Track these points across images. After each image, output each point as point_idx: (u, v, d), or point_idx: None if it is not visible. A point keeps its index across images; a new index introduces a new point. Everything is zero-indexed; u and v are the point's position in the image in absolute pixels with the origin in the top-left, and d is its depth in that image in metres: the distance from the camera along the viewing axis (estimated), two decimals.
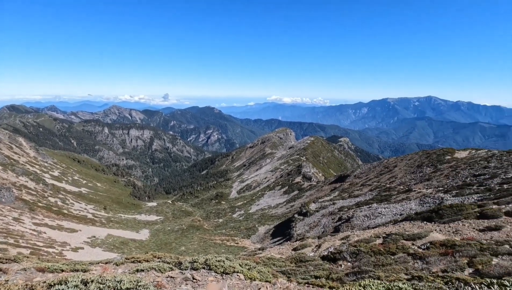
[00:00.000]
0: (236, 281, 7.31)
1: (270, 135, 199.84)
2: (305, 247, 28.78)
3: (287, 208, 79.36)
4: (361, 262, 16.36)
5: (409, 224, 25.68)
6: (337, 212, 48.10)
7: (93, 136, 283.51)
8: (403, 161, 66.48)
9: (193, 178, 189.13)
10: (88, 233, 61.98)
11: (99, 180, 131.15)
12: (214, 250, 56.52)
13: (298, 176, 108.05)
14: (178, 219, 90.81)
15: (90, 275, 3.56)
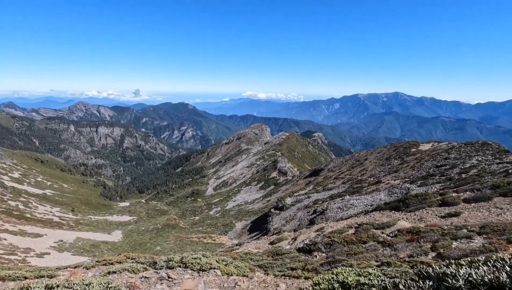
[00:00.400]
0: (213, 277, 7.28)
1: (245, 131, 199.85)
2: (282, 240, 29.31)
3: (263, 203, 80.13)
4: (334, 252, 16.99)
5: (379, 214, 27.03)
6: (312, 205, 49.40)
7: (58, 135, 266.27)
8: (373, 154, 69.58)
9: (167, 176, 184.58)
10: (54, 237, 58.51)
11: (65, 181, 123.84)
12: (191, 248, 55.85)
13: (274, 171, 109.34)
14: (153, 218, 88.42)
15: (56, 280, 3.35)
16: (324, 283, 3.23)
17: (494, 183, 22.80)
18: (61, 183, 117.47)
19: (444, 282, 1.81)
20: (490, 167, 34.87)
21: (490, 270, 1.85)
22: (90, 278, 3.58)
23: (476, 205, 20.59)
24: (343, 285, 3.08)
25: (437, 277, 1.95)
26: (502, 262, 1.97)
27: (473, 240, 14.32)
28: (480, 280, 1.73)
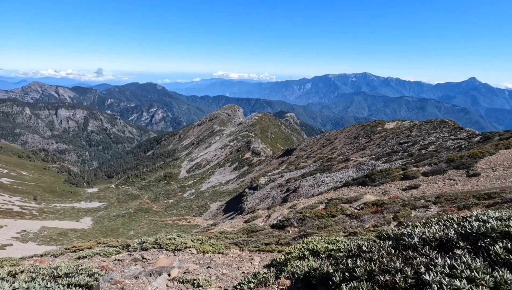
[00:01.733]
0: (189, 256, 7.36)
1: (218, 112, 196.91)
2: (256, 218, 30.10)
3: (238, 184, 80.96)
4: (306, 226, 17.86)
5: (347, 189, 28.56)
6: (285, 184, 50.84)
7: (11, 118, 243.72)
8: (342, 133, 72.23)
9: (138, 159, 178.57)
10: (16, 227, 55.13)
11: (24, 168, 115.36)
12: (165, 231, 55.52)
13: (247, 152, 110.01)
14: (124, 203, 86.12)
15: (20, 267, 3.20)
16: (295, 252, 3.42)
17: (448, 157, 24.86)
18: (19, 171, 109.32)
19: (402, 241, 2.00)
20: (446, 143, 37.83)
21: (440, 228, 2.07)
22: (58, 262, 3.46)
23: (433, 178, 22.43)
24: (312, 252, 3.28)
25: (395, 237, 2.14)
26: (451, 221, 2.20)
27: (429, 209, 15.73)
28: (432, 237, 1.93)
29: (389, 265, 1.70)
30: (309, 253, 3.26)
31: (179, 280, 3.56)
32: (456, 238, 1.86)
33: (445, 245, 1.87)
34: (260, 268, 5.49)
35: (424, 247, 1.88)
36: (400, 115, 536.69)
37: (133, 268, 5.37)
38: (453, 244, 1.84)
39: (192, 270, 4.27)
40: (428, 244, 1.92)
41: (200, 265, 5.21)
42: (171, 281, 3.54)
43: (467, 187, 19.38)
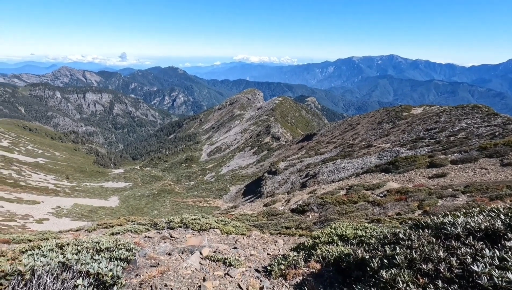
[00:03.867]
0: (213, 236, 7.62)
1: (238, 96, 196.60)
2: (276, 202, 30.45)
3: (257, 168, 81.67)
4: (327, 212, 17.84)
5: (369, 176, 27.99)
6: (304, 169, 50.63)
7: (44, 102, 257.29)
8: (365, 119, 70.05)
9: (160, 142, 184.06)
10: (51, 204, 59.37)
11: (57, 149, 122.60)
12: (187, 211, 57.64)
13: (267, 137, 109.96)
14: (148, 184, 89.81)
15: (65, 240, 3.47)
16: (324, 237, 3.43)
17: (481, 145, 23.51)
18: (52, 151, 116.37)
19: (443, 230, 1.93)
20: (478, 130, 35.68)
21: (486, 219, 1.98)
22: (98, 237, 3.72)
23: (462, 166, 21.41)
24: (341, 238, 3.27)
25: (435, 226, 2.08)
26: (497, 211, 2.10)
27: (457, 198, 15.12)
28: (477, 227, 1.85)
29: (431, 254, 1.66)
30: (338, 238, 3.26)
31: (211, 259, 3.72)
32: (504, 229, 1.77)
33: (490, 237, 1.80)
34: (285, 250, 5.59)
35: (468, 238, 1.81)
36: (428, 100, 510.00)
37: (163, 245, 5.65)
38: (500, 235, 1.75)
39: (222, 249, 4.44)
40: (472, 235, 1.85)
41: (227, 245, 5.40)
42: (204, 259, 3.71)
43: (500, 176, 18.35)
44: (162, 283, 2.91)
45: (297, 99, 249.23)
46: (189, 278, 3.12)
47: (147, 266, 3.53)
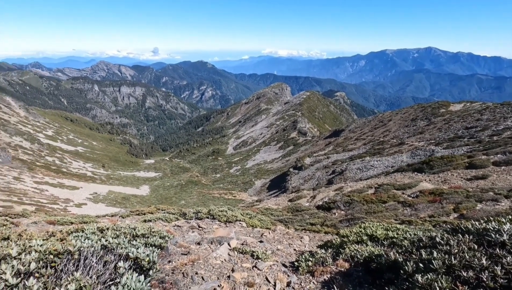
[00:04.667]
0: (239, 228, 7.77)
1: (265, 91, 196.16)
2: (301, 198, 30.23)
3: (282, 163, 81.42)
4: (354, 210, 17.41)
5: (400, 175, 26.80)
6: (331, 166, 49.62)
7: (83, 94, 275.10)
8: (397, 115, 66.87)
9: (189, 135, 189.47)
10: (89, 190, 63.71)
11: (94, 139, 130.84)
12: (212, 203, 59.09)
13: (293, 132, 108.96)
14: (177, 175, 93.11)
15: (105, 224, 3.75)
16: (353, 236, 3.37)
17: None
18: (90, 141, 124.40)
19: (486, 236, 1.82)
20: None
21: None
22: (134, 224, 3.97)
23: (506, 168, 19.79)
24: (371, 238, 3.20)
25: (477, 232, 1.96)
26: None
27: (499, 203, 14.03)
28: None
29: (472, 261, 1.57)
30: (368, 239, 3.19)
31: (239, 251, 3.82)
32: None
33: None
34: (311, 247, 5.57)
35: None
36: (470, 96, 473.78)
37: (191, 234, 5.87)
38: None
39: (249, 242, 4.53)
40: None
41: (254, 238, 5.49)
42: (232, 251, 3.82)
43: None
44: (193, 270, 3.05)
45: (326, 94, 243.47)
46: (218, 268, 3.24)
47: (178, 253, 3.71)
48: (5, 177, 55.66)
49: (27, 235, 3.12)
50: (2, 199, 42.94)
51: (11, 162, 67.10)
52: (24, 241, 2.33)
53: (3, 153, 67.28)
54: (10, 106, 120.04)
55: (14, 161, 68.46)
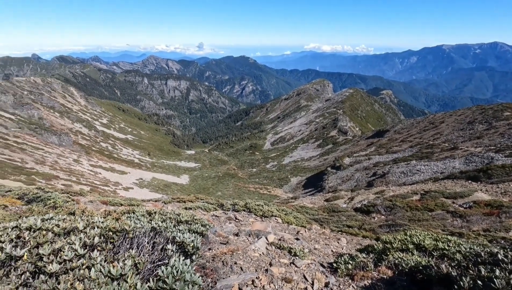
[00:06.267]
0: (275, 224, 7.82)
1: (306, 87, 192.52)
2: (338, 198, 29.37)
3: (320, 161, 79.63)
4: (395, 216, 16.44)
5: (451, 182, 24.62)
6: (372, 167, 47.31)
7: (134, 86, 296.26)
8: (452, 117, 61.20)
9: (228, 129, 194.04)
10: (136, 175, 68.79)
11: (142, 128, 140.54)
12: (248, 196, 60.04)
13: (333, 130, 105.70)
14: (215, 167, 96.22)
15: (153, 208, 4.06)
16: (397, 243, 3.19)
17: None
18: (139, 130, 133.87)
19: None
20: None
21: None
22: (178, 210, 4.24)
23: None
24: (417, 247, 2.99)
25: None
26: None
27: None
28: None
29: None
30: (414, 247, 2.99)
31: (277, 246, 3.87)
32: None
33: None
34: (349, 250, 5.40)
35: None
36: None
37: (229, 225, 6.06)
38: None
39: (286, 239, 4.55)
40: None
41: (290, 235, 5.50)
42: (270, 245, 3.88)
43: None
44: (232, 260, 3.16)
45: (370, 92, 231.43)
46: (256, 261, 3.32)
47: (217, 242, 3.87)
48: (67, 159, 62.45)
49: (88, 212, 3.49)
50: (64, 178, 48.35)
51: (72, 146, 75.00)
52: (87, 217, 2.64)
53: (66, 137, 75.48)
54: (73, 95, 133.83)
55: (74, 145, 76.42)
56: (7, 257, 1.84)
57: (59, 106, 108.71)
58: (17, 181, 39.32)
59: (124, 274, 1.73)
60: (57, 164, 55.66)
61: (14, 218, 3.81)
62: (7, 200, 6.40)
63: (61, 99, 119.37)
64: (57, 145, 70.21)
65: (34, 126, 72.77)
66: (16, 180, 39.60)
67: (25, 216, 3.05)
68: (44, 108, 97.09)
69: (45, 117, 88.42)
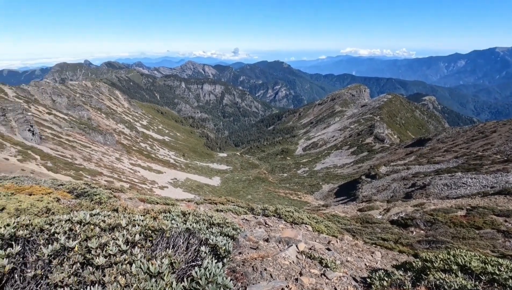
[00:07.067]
0: (305, 232, 7.69)
1: (341, 92, 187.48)
2: (372, 209, 28.07)
3: (353, 169, 76.79)
4: (436, 232, 15.26)
5: (503, 198, 22.35)
6: (410, 178, 44.59)
7: (173, 90, 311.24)
8: (505, 126, 55.64)
9: (260, 133, 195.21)
10: (171, 175, 71.83)
11: (178, 130, 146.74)
12: (278, 201, 59.69)
13: (369, 137, 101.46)
14: (246, 170, 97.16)
15: (186, 209, 4.23)
16: (438, 262, 2.96)
17: None
18: (175, 132, 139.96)
19: None
20: None
21: None
22: (210, 212, 4.37)
23: None
24: (462, 269, 2.75)
25: None
26: None
27: None
28: None
29: None
30: (458, 269, 2.75)
31: (307, 255, 3.81)
32: None
33: None
34: (384, 265, 5.13)
35: None
36: None
37: (259, 230, 6.08)
38: None
39: (317, 248, 4.46)
40: None
41: (321, 245, 5.37)
42: (300, 254, 3.84)
43: None
44: (262, 266, 3.17)
45: (411, 98, 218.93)
46: (286, 269, 3.29)
47: (247, 247, 3.91)
48: (110, 157, 67.14)
49: (129, 209, 3.73)
50: (107, 175, 52.00)
51: (115, 145, 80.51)
52: (129, 214, 2.83)
53: (110, 137, 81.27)
54: (118, 98, 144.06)
55: (117, 144, 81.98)
56: (61, 247, 2.05)
57: (106, 107, 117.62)
58: (67, 175, 43.14)
59: (161, 272, 1.83)
60: (101, 161, 60.11)
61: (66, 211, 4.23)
62: (60, 193, 7.12)
63: (108, 101, 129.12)
64: (102, 144, 75.85)
65: (83, 126, 79.41)
66: (66, 175, 43.44)
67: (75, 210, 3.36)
68: (92, 109, 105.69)
69: (93, 117, 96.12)
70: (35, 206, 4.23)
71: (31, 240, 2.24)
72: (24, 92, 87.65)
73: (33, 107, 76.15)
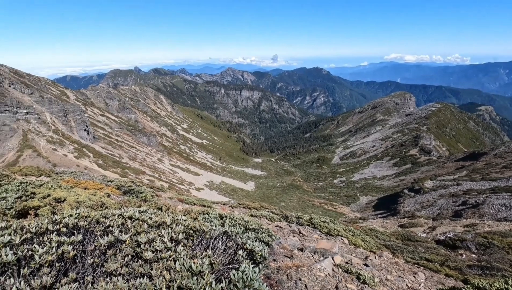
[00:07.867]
0: (340, 244, 7.43)
1: (383, 100, 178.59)
2: (415, 226, 26.17)
3: (395, 182, 72.32)
4: (491, 257, 13.69)
5: None
6: (461, 195, 40.79)
7: (212, 96, 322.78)
8: None
9: (296, 139, 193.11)
10: (207, 177, 74.05)
11: (216, 135, 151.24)
12: (311, 211, 58.26)
13: (413, 148, 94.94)
14: (280, 177, 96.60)
15: (223, 212, 4.37)
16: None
17: None
18: (213, 136, 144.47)
19: None
20: None
21: None
22: (246, 217, 4.47)
23: None
24: None
25: None
26: None
27: None
28: None
29: None
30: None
31: (344, 269, 3.70)
32: None
33: None
34: (428, 288, 4.75)
35: None
36: None
37: (293, 239, 6.03)
38: None
39: (355, 263, 4.30)
40: None
41: (359, 259, 5.15)
42: (336, 267, 3.74)
43: None
44: (297, 276, 3.16)
45: (464, 107, 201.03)
46: (321, 281, 3.23)
47: (282, 254, 3.92)
48: (153, 157, 71.28)
49: (172, 208, 3.96)
50: (149, 174, 55.26)
51: (158, 146, 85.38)
52: (172, 213, 3.03)
53: (154, 138, 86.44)
54: (162, 102, 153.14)
55: (159, 146, 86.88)
56: (115, 239, 2.26)
57: (151, 111, 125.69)
58: (114, 173, 46.73)
59: (202, 271, 1.93)
60: (145, 161, 64.14)
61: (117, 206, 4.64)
62: (110, 189, 7.80)
63: (153, 105, 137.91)
64: (146, 145, 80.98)
65: (131, 128, 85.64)
66: (114, 172, 47.06)
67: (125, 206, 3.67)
68: (139, 112, 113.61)
69: (140, 120, 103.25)
70: (91, 199, 4.71)
71: (89, 230, 2.51)
72: (83, 95, 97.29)
73: (89, 109, 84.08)
